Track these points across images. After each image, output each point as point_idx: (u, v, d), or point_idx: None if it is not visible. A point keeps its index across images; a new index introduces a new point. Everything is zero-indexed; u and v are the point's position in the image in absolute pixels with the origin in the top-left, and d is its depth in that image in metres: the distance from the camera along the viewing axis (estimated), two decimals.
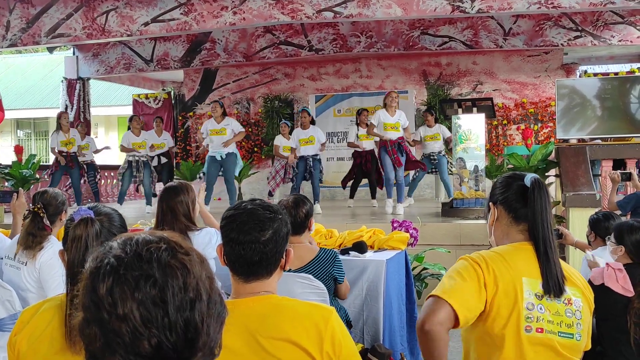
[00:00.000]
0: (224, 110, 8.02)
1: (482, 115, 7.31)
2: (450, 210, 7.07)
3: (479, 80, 11.02)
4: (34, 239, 2.83)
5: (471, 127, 7.11)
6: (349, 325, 2.98)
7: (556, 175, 6.47)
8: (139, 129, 8.89)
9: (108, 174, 11.80)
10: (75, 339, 1.46)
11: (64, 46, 12.55)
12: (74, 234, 1.64)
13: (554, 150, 6.45)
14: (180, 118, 12.41)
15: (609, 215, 3.51)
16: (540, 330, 1.66)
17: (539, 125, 10.74)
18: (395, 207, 7.47)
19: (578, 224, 5.23)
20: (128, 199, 11.76)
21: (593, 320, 1.98)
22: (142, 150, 8.85)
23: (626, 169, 6.11)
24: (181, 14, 7.62)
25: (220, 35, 10.25)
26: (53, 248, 2.81)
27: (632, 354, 2.50)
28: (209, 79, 12.21)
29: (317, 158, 8.23)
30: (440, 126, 8.85)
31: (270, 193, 8.99)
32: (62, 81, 11.18)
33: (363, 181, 8.92)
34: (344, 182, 8.90)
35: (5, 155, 16.50)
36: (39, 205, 2.89)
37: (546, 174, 6.56)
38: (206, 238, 2.97)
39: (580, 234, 4.28)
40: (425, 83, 11.22)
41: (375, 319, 3.29)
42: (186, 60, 10.51)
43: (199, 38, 10.33)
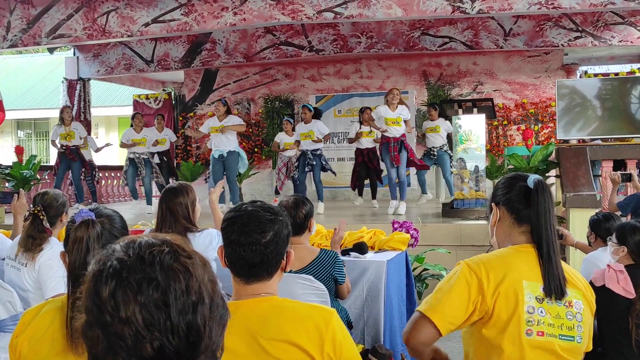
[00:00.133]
0: (227, 109, 7.87)
1: (483, 116, 7.31)
2: (451, 210, 7.07)
3: (480, 81, 11.01)
4: (34, 242, 2.83)
5: (471, 128, 7.11)
6: (350, 326, 2.98)
7: (556, 176, 6.47)
8: (140, 126, 8.89)
9: (109, 174, 11.80)
10: (77, 341, 1.46)
11: (65, 47, 12.57)
12: (75, 235, 1.64)
13: (554, 151, 6.45)
14: (181, 118, 12.40)
15: (609, 216, 3.50)
16: (541, 333, 1.65)
17: (540, 125, 10.74)
18: (398, 207, 7.43)
19: (578, 224, 5.22)
20: (128, 199, 11.76)
21: (594, 322, 1.98)
22: (142, 148, 8.83)
23: (626, 169, 6.10)
24: (182, 14, 7.62)
25: (220, 35, 10.25)
26: (52, 249, 2.81)
27: (634, 355, 2.49)
28: (209, 79, 12.20)
29: (317, 153, 8.07)
30: (442, 120, 8.82)
31: (277, 191, 9.00)
32: (63, 82, 11.18)
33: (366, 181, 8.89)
34: (352, 184, 8.79)
35: (5, 155, 16.51)
36: (38, 208, 2.89)
37: (547, 174, 6.55)
38: (207, 239, 2.96)
39: (580, 234, 4.28)
40: (426, 83, 11.22)
41: (375, 319, 3.29)
42: (187, 60, 10.51)
43: (200, 38, 10.33)
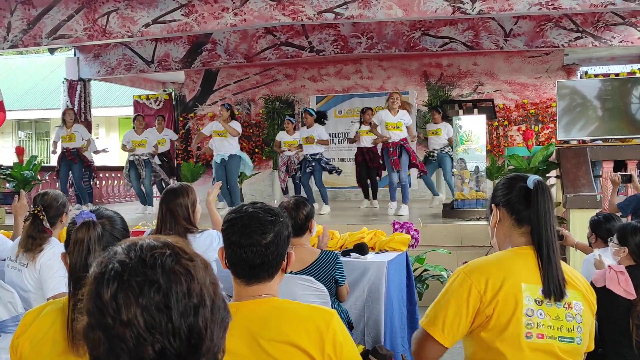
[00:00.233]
0: (230, 114, 7.89)
1: (483, 116, 7.30)
2: (451, 211, 7.07)
3: (480, 81, 11.01)
4: (34, 242, 2.83)
5: (472, 128, 7.10)
6: (350, 326, 2.98)
7: (557, 177, 6.47)
8: (141, 128, 8.91)
9: (109, 175, 11.80)
10: (78, 342, 1.46)
11: (65, 47, 12.59)
12: (76, 237, 1.64)
13: (554, 151, 6.45)
14: (181, 119, 12.40)
15: (609, 216, 3.49)
16: (540, 336, 1.65)
17: (540, 126, 10.74)
18: (399, 208, 7.45)
19: (579, 225, 5.21)
20: (129, 199, 11.76)
21: (595, 322, 1.97)
22: (142, 149, 8.84)
23: (627, 170, 6.10)
24: (182, 15, 7.62)
25: (221, 36, 10.25)
26: (53, 249, 2.81)
27: (634, 356, 2.49)
28: (209, 80, 12.21)
29: (317, 157, 8.09)
30: (445, 124, 8.83)
31: (284, 191, 9.03)
32: (63, 82, 11.18)
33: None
34: (359, 183, 8.84)
35: (6, 156, 16.51)
36: (39, 208, 2.89)
37: (547, 175, 6.55)
38: (207, 241, 2.96)
39: (581, 235, 4.27)
40: (426, 84, 11.22)
41: (376, 320, 3.29)
42: (187, 61, 10.51)
43: (200, 39, 10.33)
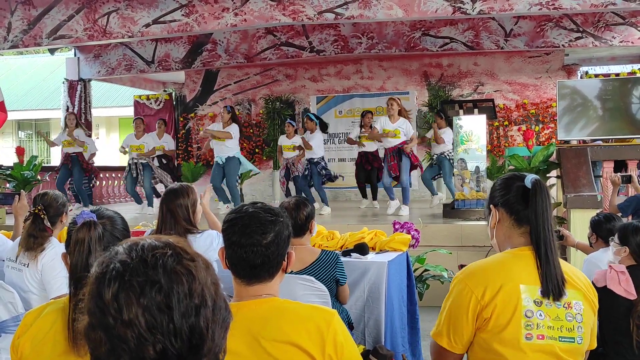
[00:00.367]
0: (232, 116, 7.97)
1: (483, 116, 7.31)
2: (452, 211, 7.07)
3: (480, 82, 11.01)
4: (35, 241, 2.84)
5: (472, 128, 7.11)
6: (351, 326, 2.98)
7: (557, 177, 6.47)
8: (140, 132, 8.93)
9: (109, 175, 11.80)
10: (79, 342, 1.46)
11: (65, 47, 12.59)
12: (76, 237, 1.64)
13: (555, 152, 6.45)
14: (182, 119, 12.41)
15: (610, 216, 3.49)
16: (541, 337, 1.65)
17: (540, 126, 10.74)
18: (400, 209, 7.50)
19: (579, 225, 5.21)
20: (129, 200, 11.76)
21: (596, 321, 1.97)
22: (137, 153, 8.85)
23: (627, 170, 6.09)
24: (182, 15, 7.62)
25: (221, 36, 10.25)
26: (54, 249, 2.82)
27: (635, 356, 2.48)
28: (210, 80, 12.21)
29: (314, 161, 8.18)
30: (448, 129, 8.82)
31: (286, 194, 9.04)
32: (64, 82, 11.18)
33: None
34: (358, 183, 8.90)
35: (6, 156, 16.52)
36: (39, 207, 2.90)
37: (547, 175, 6.55)
38: (207, 241, 2.96)
39: (581, 235, 4.27)
40: (427, 84, 11.22)
41: (376, 320, 3.29)
42: (187, 61, 10.51)
43: (200, 39, 10.33)
